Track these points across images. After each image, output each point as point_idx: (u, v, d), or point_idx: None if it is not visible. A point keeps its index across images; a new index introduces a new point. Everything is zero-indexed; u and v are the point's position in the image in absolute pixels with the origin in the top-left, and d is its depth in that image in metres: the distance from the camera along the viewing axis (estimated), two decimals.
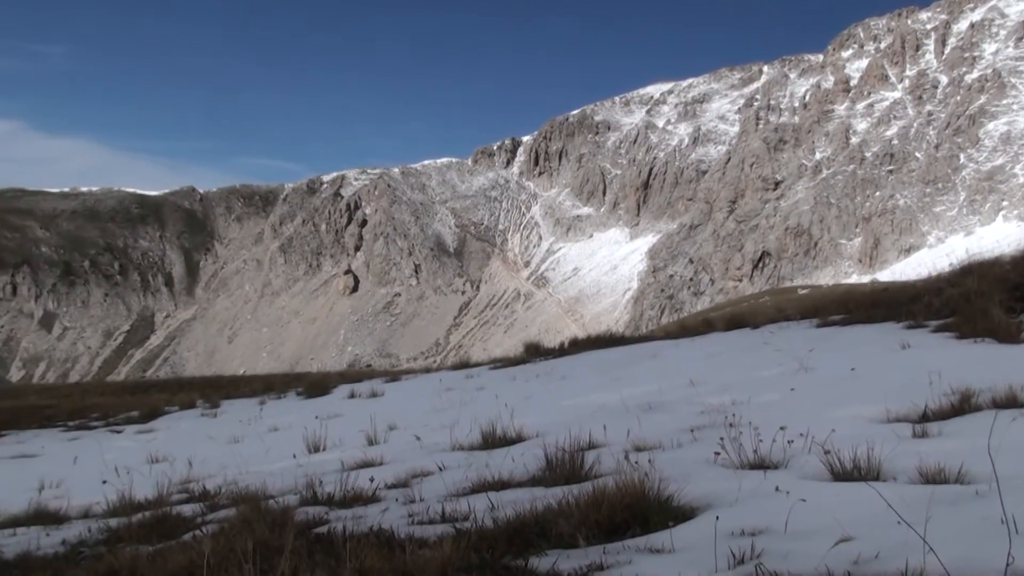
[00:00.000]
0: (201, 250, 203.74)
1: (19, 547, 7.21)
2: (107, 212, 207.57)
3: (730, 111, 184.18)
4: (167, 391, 32.29)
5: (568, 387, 15.60)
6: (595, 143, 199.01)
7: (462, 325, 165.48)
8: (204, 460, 12.42)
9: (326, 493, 7.86)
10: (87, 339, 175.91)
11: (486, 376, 20.59)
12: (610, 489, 5.59)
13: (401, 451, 10.82)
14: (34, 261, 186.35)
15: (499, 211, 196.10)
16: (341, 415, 16.82)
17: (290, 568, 4.86)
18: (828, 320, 18.19)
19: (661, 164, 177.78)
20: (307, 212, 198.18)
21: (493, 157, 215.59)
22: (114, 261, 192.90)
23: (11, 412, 26.49)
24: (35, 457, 17.52)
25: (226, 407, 23.45)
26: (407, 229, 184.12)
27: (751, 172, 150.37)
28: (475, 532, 5.48)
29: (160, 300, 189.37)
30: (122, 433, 20.50)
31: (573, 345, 24.16)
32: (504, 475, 7.45)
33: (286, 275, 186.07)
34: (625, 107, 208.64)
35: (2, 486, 13.03)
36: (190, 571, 5.40)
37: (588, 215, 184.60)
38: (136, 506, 8.53)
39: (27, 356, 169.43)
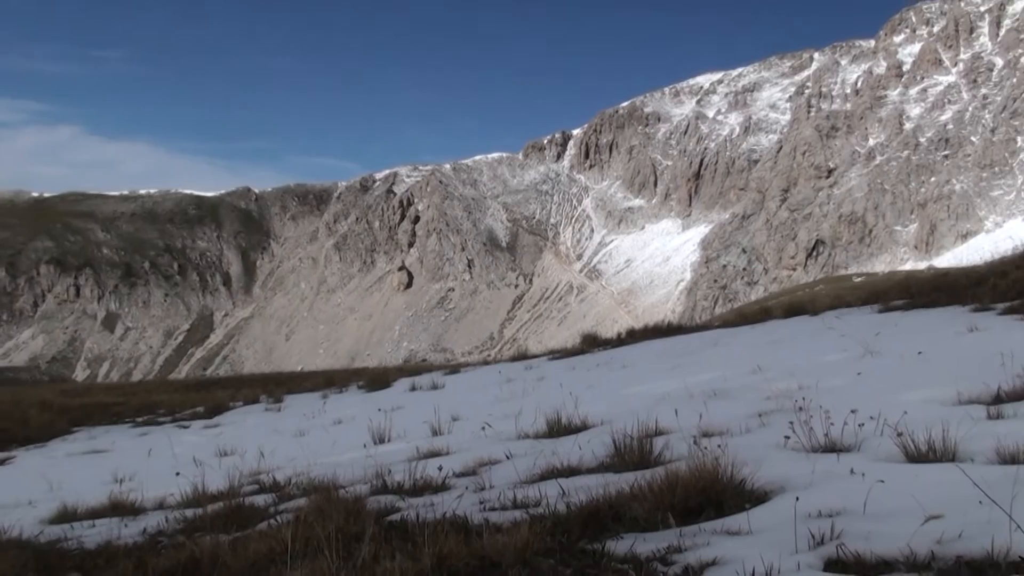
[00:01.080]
0: (257, 249, 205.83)
1: (100, 537, 7.35)
2: (165, 214, 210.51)
3: (781, 99, 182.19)
4: (228, 388, 32.64)
5: (629, 376, 15.56)
6: (645, 135, 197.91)
7: (516, 319, 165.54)
8: (271, 453, 12.57)
9: (396, 482, 7.92)
10: (148, 339, 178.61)
11: (545, 367, 20.62)
12: (683, 473, 5.60)
13: (466, 440, 10.87)
14: (96, 263, 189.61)
15: (551, 204, 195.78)
16: (403, 407, 16.93)
17: (370, 554, 4.93)
18: (890, 305, 17.98)
19: (712, 154, 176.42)
20: (360, 210, 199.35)
21: (544, 151, 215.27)
22: (173, 262, 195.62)
23: (81, 409, 26.99)
24: (107, 452, 17.83)
25: (289, 401, 23.70)
26: (459, 224, 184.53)
27: (803, 160, 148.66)
28: (549, 517, 5.51)
29: (219, 299, 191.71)
30: (189, 428, 20.79)
31: (630, 335, 24.09)
32: (572, 462, 7.47)
33: (341, 272, 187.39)
34: (675, 98, 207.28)
35: (78, 480, 13.29)
36: (270, 558, 5.49)
37: (640, 207, 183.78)
38: (209, 497, 8.63)
39: (91, 356, 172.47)
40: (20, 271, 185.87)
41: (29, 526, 8.55)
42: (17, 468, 16.81)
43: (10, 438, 21.46)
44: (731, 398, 10.04)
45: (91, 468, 15.37)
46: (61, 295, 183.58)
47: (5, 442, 20.89)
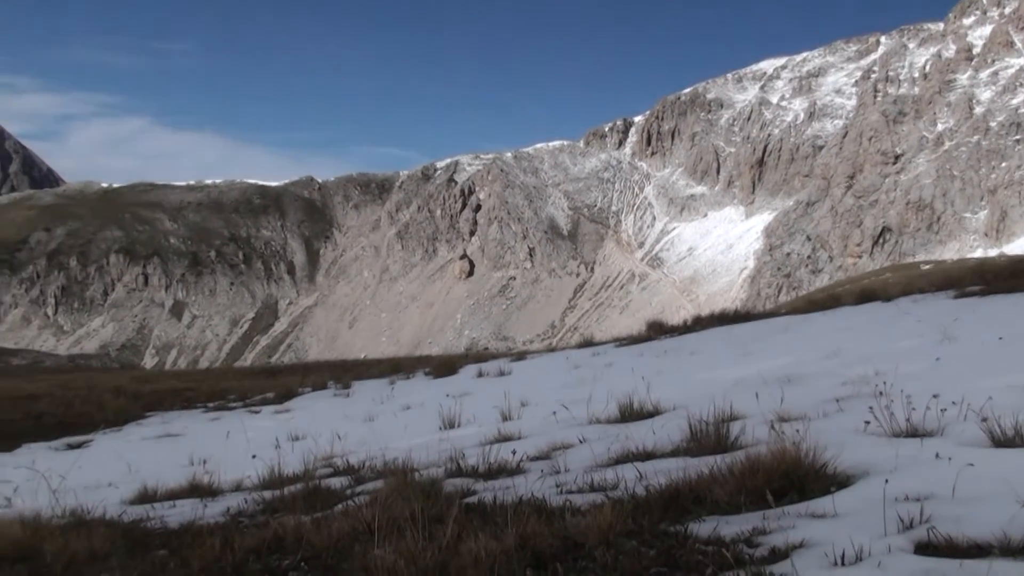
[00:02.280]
0: (321, 238, 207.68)
1: (181, 517, 7.49)
2: (231, 203, 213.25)
3: (847, 84, 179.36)
4: (295, 375, 33.04)
5: (699, 362, 15.50)
6: (708, 121, 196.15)
7: (577, 307, 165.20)
8: (343, 437, 12.69)
9: (470, 466, 7.98)
10: (215, 327, 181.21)
11: (612, 353, 20.58)
12: (765, 457, 5.58)
13: (537, 425, 10.92)
14: (163, 252, 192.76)
15: (612, 192, 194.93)
16: (471, 393, 17.01)
17: (453, 534, 4.97)
18: (966, 291, 17.66)
19: (776, 141, 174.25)
20: (422, 198, 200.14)
21: (605, 138, 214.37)
22: (238, 251, 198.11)
23: (153, 395, 27.54)
24: (180, 436, 18.15)
25: (357, 388, 23.92)
26: (521, 213, 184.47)
27: (869, 146, 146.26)
28: (629, 500, 5.52)
29: (283, 288, 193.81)
30: (260, 413, 21.08)
31: (697, 322, 23.98)
32: (647, 446, 7.48)
33: (403, 261, 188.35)
34: (738, 84, 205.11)
35: (154, 462, 13.54)
36: (353, 537, 5.56)
37: (702, 194, 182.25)
38: (286, 480, 8.76)
39: (159, 344, 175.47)
40: (90, 260, 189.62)
41: (112, 506, 8.74)
42: (95, 451, 17.19)
43: (87, 422, 21.96)
44: (806, 384, 9.96)
45: (166, 451, 15.68)
46: (130, 284, 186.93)
47: (83, 426, 21.37)
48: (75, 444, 18.63)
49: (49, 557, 5.86)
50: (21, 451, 18.11)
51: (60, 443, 18.92)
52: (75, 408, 24.63)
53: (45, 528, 6.72)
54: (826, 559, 4.10)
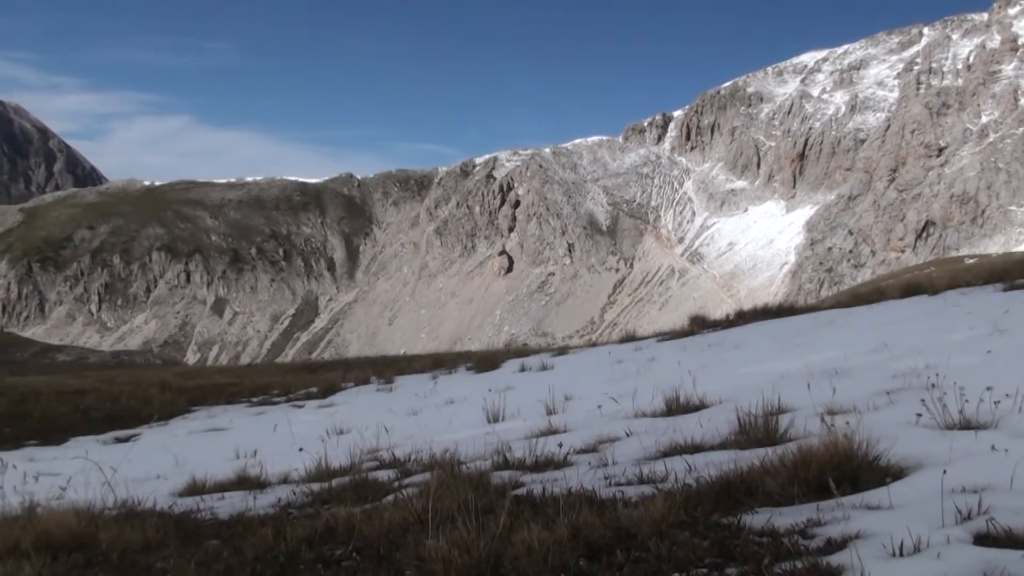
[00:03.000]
0: (360, 235, 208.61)
1: (231, 509, 7.57)
2: (271, 200, 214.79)
3: (889, 77, 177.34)
4: (336, 370, 33.23)
5: (743, 356, 15.42)
6: (748, 115, 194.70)
7: (616, 303, 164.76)
8: (387, 431, 12.75)
9: (516, 458, 8.00)
10: (256, 323, 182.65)
11: (655, 348, 20.54)
12: (817, 448, 5.56)
13: (582, 419, 10.90)
14: (205, 249, 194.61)
15: (651, 188, 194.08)
16: (514, 387, 17.02)
17: (505, 525, 4.99)
18: (1015, 284, 17.42)
19: (817, 134, 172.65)
20: (461, 195, 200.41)
21: (644, 133, 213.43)
22: (279, 247, 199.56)
23: (198, 389, 27.84)
24: (226, 430, 18.35)
25: (400, 382, 24.04)
26: (560, 209, 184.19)
27: (912, 139, 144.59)
28: (680, 491, 5.51)
29: (323, 284, 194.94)
30: (304, 408, 21.26)
31: (740, 316, 23.86)
32: (695, 439, 7.47)
33: (442, 257, 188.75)
34: (778, 77, 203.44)
35: (201, 455, 13.69)
36: (404, 527, 5.60)
37: (742, 189, 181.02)
38: (332, 472, 8.82)
39: (201, 340, 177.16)
40: (133, 258, 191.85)
41: (162, 498, 8.85)
42: (143, 444, 17.41)
43: (134, 416, 22.26)
44: (854, 376, 9.87)
45: (213, 445, 15.83)
46: (172, 281, 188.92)
47: (130, 420, 21.68)
48: (123, 438, 18.91)
49: (104, 546, 5.94)
50: (70, 444, 18.40)
51: (108, 437, 19.20)
52: (122, 403, 24.96)
53: (99, 518, 6.81)
54: (884, 550, 4.08)
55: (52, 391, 27.90)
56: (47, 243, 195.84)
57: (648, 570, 4.45)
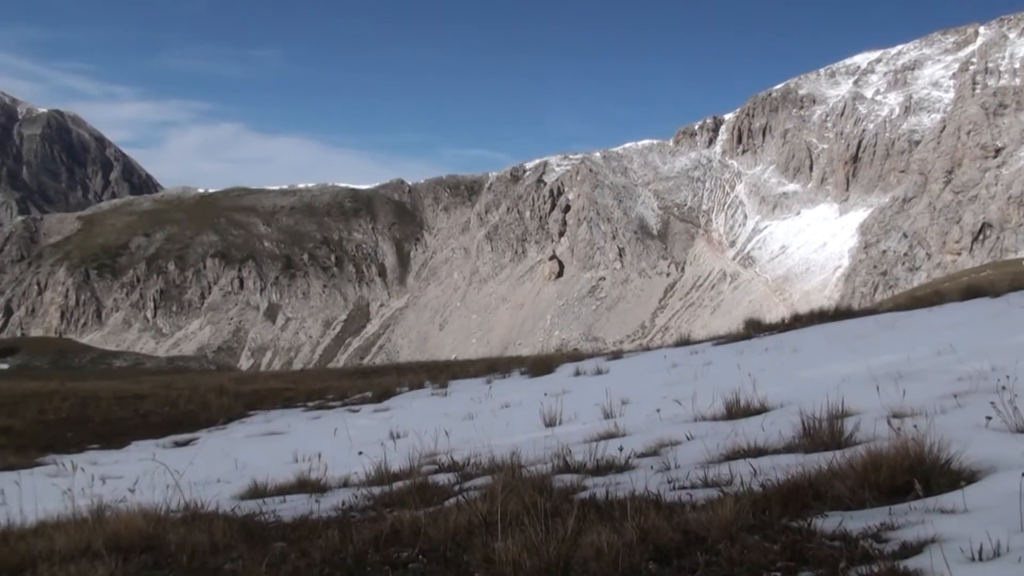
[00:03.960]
0: (411, 240, 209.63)
1: (294, 512, 7.62)
2: (323, 207, 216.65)
3: (944, 77, 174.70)
4: (389, 375, 33.43)
5: (802, 359, 15.27)
6: (800, 117, 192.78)
7: (667, 307, 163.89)
8: (444, 435, 12.78)
9: (577, 462, 7.99)
10: (308, 329, 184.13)
11: (711, 352, 20.41)
12: (887, 452, 5.49)
13: (641, 423, 10.87)
14: (258, 256, 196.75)
15: (702, 191, 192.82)
16: (570, 391, 16.99)
17: (572, 528, 4.97)
18: None
19: (871, 136, 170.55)
20: (511, 200, 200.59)
21: (695, 136, 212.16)
22: (331, 253, 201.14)
23: (254, 394, 28.16)
24: (283, 434, 18.49)
25: (454, 387, 24.09)
26: (610, 213, 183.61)
27: (968, 140, 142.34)
28: (747, 495, 5.46)
29: (374, 290, 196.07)
30: (359, 412, 21.37)
31: (796, 320, 23.65)
32: (758, 442, 7.41)
33: (493, 262, 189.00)
34: (831, 78, 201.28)
35: (260, 459, 13.80)
36: (469, 530, 5.60)
37: (795, 192, 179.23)
38: (392, 476, 8.85)
39: (254, 346, 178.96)
40: (188, 264, 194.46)
41: (224, 501, 8.93)
42: (202, 448, 17.59)
43: (193, 420, 22.55)
44: (918, 379, 9.73)
45: (271, 448, 15.97)
46: (226, 287, 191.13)
47: (189, 424, 21.96)
48: (182, 442, 19.14)
49: (173, 547, 6.00)
50: (131, 448, 18.65)
51: (167, 441, 19.44)
52: (180, 407, 25.31)
53: (165, 520, 6.89)
54: (962, 554, 4.02)
55: (112, 396, 28.35)
56: (104, 250, 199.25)
57: (719, 574, 4.42)
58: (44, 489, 10.19)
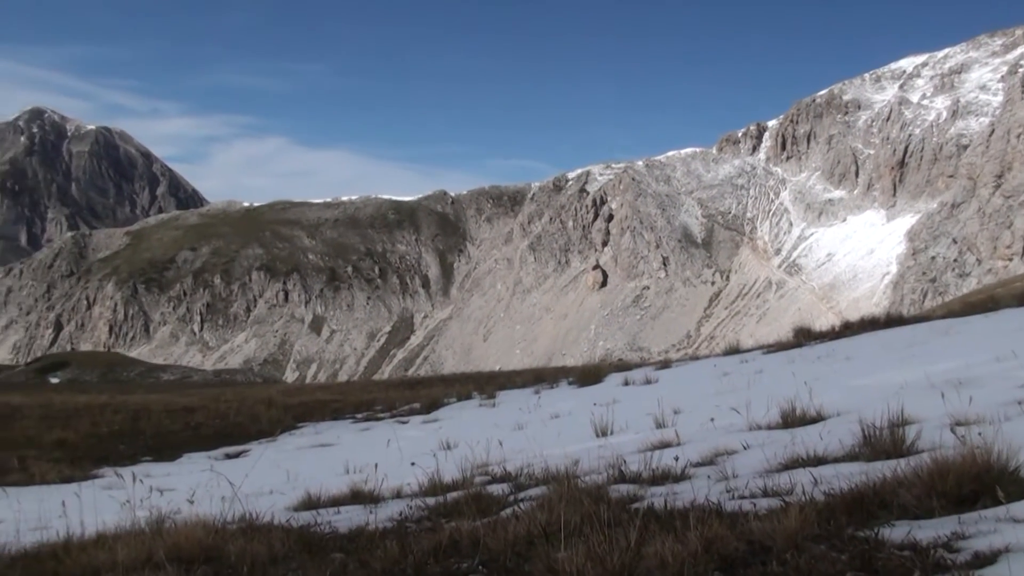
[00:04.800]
0: (454, 251, 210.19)
1: (350, 523, 7.61)
2: (366, 219, 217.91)
3: (992, 80, 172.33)
4: (435, 386, 33.50)
5: (856, 367, 15.08)
6: (845, 123, 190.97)
7: (713, 316, 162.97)
8: (495, 445, 12.76)
9: (632, 472, 7.93)
10: (352, 341, 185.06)
11: (761, 360, 20.23)
12: (953, 460, 5.40)
13: (694, 432, 10.79)
14: (303, 268, 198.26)
15: (747, 199, 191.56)
16: (620, 401, 16.89)
17: (635, 538, 4.93)
18: None
19: (917, 141, 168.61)
20: (554, 210, 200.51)
21: (738, 144, 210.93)
22: (374, 265, 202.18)
23: (302, 406, 28.37)
24: (333, 445, 18.57)
25: (502, 397, 24.08)
26: (653, 222, 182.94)
27: (1019, 143, 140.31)
28: (810, 504, 5.39)
29: (418, 301, 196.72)
30: (408, 423, 21.42)
31: (846, 327, 23.39)
32: (818, 451, 7.33)
33: (536, 272, 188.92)
34: (876, 83, 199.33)
35: (312, 470, 13.86)
36: (528, 540, 5.57)
37: (840, 198, 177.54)
38: (445, 487, 8.84)
39: (300, 358, 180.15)
40: (234, 278, 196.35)
41: (279, 512, 8.95)
42: (254, 460, 17.69)
43: (243, 433, 22.75)
44: (979, 386, 9.57)
45: (321, 460, 16.03)
46: (271, 300, 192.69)
47: (239, 436, 22.14)
48: (233, 454, 19.29)
49: (233, 558, 6.02)
50: (183, 460, 18.83)
51: (218, 453, 19.61)
52: (230, 420, 25.54)
53: (224, 531, 6.92)
54: None
55: (162, 408, 28.68)
56: (151, 265, 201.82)
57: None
58: (101, 501, 10.29)
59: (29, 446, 20.47)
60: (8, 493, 10.34)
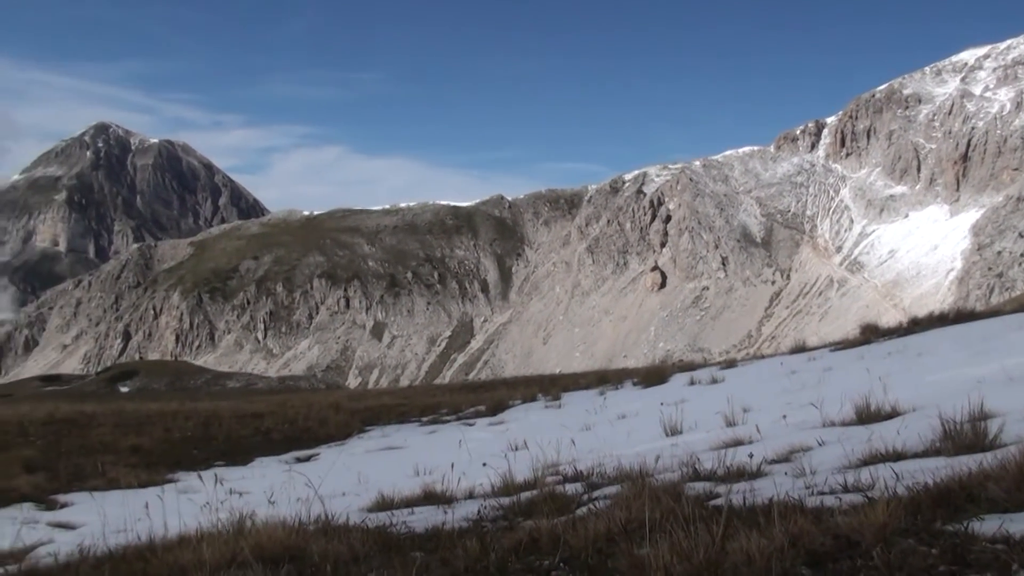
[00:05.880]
0: (512, 255, 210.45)
1: (425, 523, 7.65)
2: (425, 225, 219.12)
3: None
4: (497, 390, 33.60)
5: (929, 362, 14.86)
6: (905, 118, 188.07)
7: (774, 315, 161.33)
8: (564, 446, 12.75)
9: (706, 470, 7.90)
10: (413, 346, 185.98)
11: (829, 357, 20.01)
12: None
13: (766, 430, 10.71)
14: (363, 275, 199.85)
15: (806, 197, 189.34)
16: (687, 400, 16.82)
17: (718, 534, 4.91)
18: None
19: (981, 134, 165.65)
20: (611, 212, 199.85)
21: (796, 142, 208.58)
22: (434, 271, 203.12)
23: (368, 411, 28.62)
24: (402, 448, 18.69)
25: (567, 399, 24.09)
26: (712, 222, 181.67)
27: None
28: (894, 499, 5.33)
29: (477, 306, 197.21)
30: (475, 425, 21.50)
31: (915, 323, 23.06)
32: (896, 447, 7.25)
33: (594, 275, 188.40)
34: (936, 77, 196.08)
35: (382, 473, 13.96)
36: (608, 537, 5.57)
37: (902, 194, 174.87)
38: (517, 487, 8.86)
39: (362, 364, 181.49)
40: (296, 286, 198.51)
41: (353, 514, 9.02)
42: (324, 463, 17.89)
43: (312, 437, 23.01)
44: None
45: (391, 462, 16.15)
46: (333, 307, 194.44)
47: (308, 441, 22.40)
48: (303, 457, 19.52)
49: (316, 557, 6.09)
50: (254, 464, 19.07)
51: (289, 457, 19.85)
52: (299, 424, 25.87)
53: (304, 532, 7.00)
54: None
55: (232, 415, 29.09)
56: (215, 274, 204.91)
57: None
58: (180, 504, 10.46)
59: (105, 452, 20.87)
60: (94, 497, 10.60)
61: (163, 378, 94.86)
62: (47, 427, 27.43)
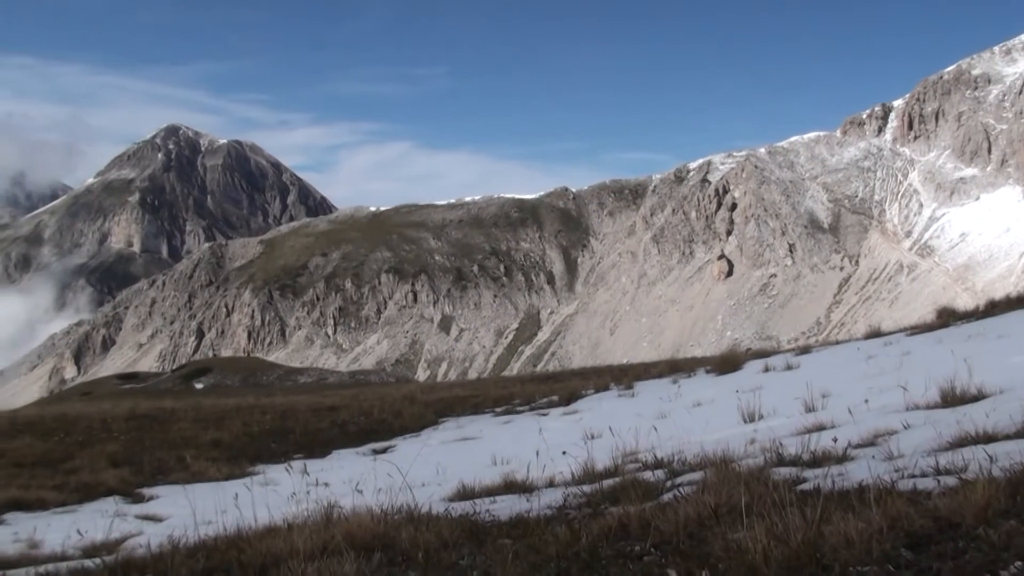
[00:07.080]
0: (578, 247, 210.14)
1: (509, 511, 7.68)
2: (490, 218, 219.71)
3: None
4: (568, 380, 33.61)
5: (1013, 345, 14.61)
6: (975, 99, 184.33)
7: (843, 302, 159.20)
8: (640, 434, 12.72)
9: (790, 455, 7.84)
10: (481, 339, 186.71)
11: (906, 342, 19.69)
12: None
13: (847, 415, 10.58)
14: (430, 269, 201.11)
15: (874, 181, 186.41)
16: (762, 387, 16.66)
17: (813, 517, 4.88)
18: None
19: None
20: (676, 201, 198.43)
21: (863, 126, 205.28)
22: (499, 264, 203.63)
23: (441, 402, 28.84)
24: (477, 439, 18.79)
25: (640, 387, 23.98)
26: (778, 209, 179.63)
27: None
28: (990, 481, 5.26)
29: (544, 298, 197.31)
30: (548, 415, 21.52)
31: (992, 306, 22.59)
32: (987, 429, 7.12)
33: (660, 265, 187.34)
34: (1006, 56, 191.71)
35: (459, 463, 14.04)
36: (699, 522, 5.57)
37: (973, 176, 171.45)
38: (599, 475, 8.86)
39: (430, 357, 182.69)
40: (364, 281, 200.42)
41: (435, 503, 9.10)
42: (400, 454, 18.07)
43: (387, 429, 23.25)
44: None
45: (467, 452, 16.24)
46: (400, 301, 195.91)
47: (383, 433, 22.65)
48: (380, 449, 19.74)
49: (406, 544, 6.16)
50: (332, 456, 19.34)
51: (366, 448, 20.08)
52: (374, 417, 26.15)
53: (391, 521, 7.07)
54: None
55: (307, 408, 29.54)
56: (285, 271, 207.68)
57: (984, 560, 4.25)
58: (265, 495, 10.63)
59: (187, 446, 21.31)
60: (184, 489, 10.84)
61: (237, 374, 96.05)
62: (129, 423, 28.10)
